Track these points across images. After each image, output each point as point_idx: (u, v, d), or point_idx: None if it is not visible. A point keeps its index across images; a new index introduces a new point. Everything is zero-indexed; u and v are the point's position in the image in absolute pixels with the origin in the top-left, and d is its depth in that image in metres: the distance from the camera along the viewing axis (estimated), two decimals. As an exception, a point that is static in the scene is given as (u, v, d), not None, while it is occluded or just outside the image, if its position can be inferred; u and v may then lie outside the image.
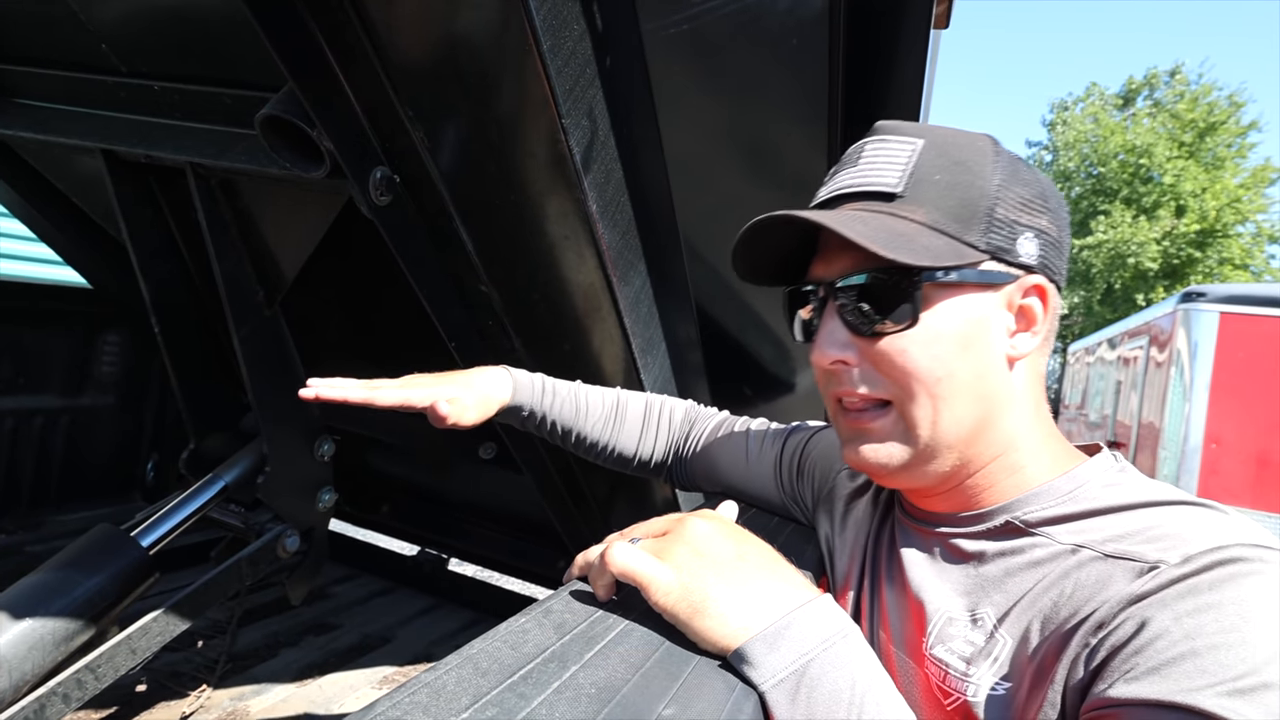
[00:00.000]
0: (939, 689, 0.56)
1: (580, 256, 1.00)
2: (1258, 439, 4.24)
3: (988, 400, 0.57)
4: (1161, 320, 5.08)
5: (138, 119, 1.03)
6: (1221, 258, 14.76)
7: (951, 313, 0.56)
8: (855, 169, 0.59)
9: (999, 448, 0.59)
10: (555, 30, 0.76)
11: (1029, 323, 0.58)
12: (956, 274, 0.55)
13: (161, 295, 1.28)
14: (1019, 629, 0.52)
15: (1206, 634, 0.42)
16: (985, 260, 0.55)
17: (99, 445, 1.88)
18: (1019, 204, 0.57)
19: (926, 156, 0.57)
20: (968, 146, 0.58)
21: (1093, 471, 0.57)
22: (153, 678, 1.44)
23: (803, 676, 0.46)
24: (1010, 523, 0.57)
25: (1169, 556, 0.46)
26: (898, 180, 0.56)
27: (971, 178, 0.56)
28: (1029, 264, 0.57)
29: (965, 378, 0.56)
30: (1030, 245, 0.57)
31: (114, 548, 1.11)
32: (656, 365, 1.22)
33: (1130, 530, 0.51)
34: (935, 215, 0.55)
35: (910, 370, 0.56)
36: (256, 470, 1.32)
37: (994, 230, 0.55)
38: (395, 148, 0.88)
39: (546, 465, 1.32)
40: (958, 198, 0.55)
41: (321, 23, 0.75)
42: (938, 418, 0.56)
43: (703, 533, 0.55)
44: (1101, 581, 0.49)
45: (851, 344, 0.58)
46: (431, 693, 0.38)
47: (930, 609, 0.59)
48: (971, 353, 0.56)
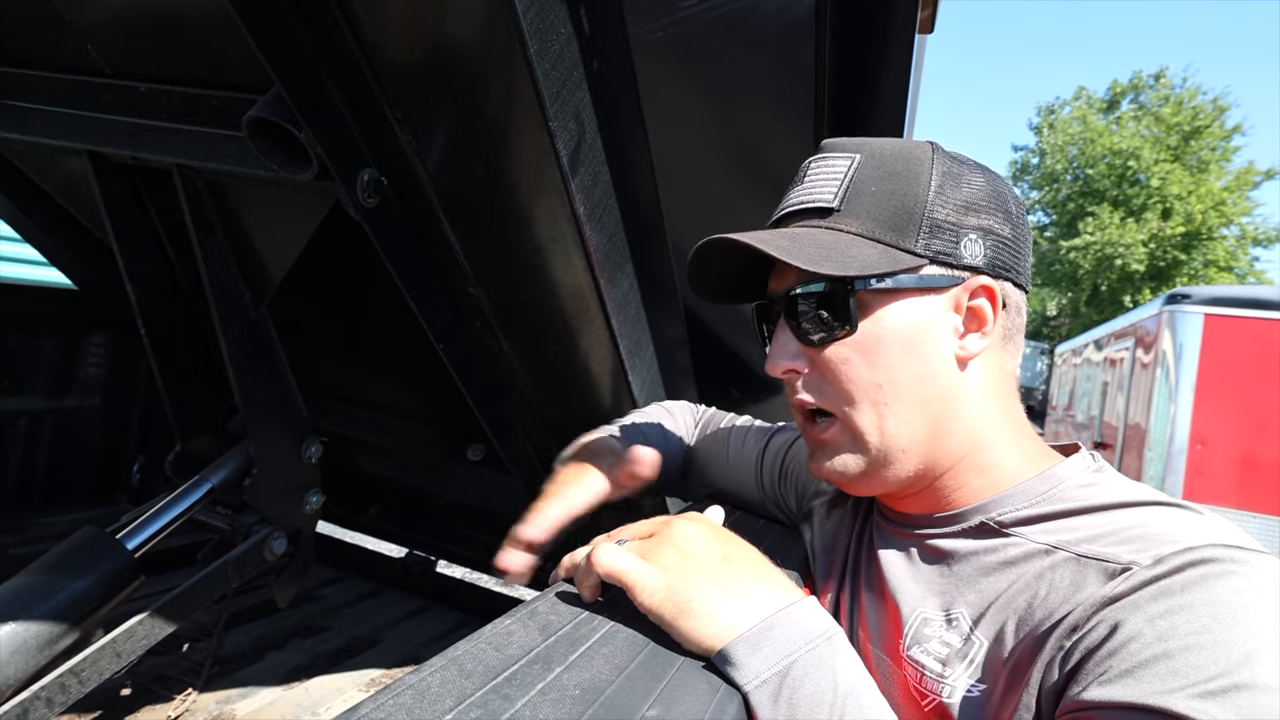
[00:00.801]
0: (916, 690, 0.56)
1: (568, 258, 1.01)
2: (1242, 440, 4.29)
3: (938, 403, 0.58)
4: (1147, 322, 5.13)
5: (124, 120, 1.02)
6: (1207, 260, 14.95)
7: (890, 319, 0.57)
8: (800, 187, 0.62)
9: (962, 448, 0.59)
10: (542, 33, 0.77)
11: (979, 323, 0.59)
12: (891, 280, 0.57)
13: (148, 297, 1.27)
14: (993, 630, 0.52)
15: (1179, 635, 0.42)
16: (925, 265, 0.57)
17: (84, 447, 1.86)
18: (959, 206, 0.58)
19: (864, 170, 0.59)
20: (903, 155, 0.59)
21: (1069, 471, 0.57)
22: (138, 681, 1.43)
23: (785, 677, 0.47)
24: (985, 523, 0.57)
25: (1141, 558, 0.47)
26: (833, 196, 0.59)
27: (906, 185, 0.58)
28: (975, 265, 0.58)
29: (908, 382, 0.57)
30: (975, 246, 0.58)
31: (99, 550, 1.11)
32: (644, 367, 1.23)
33: (1104, 531, 0.51)
34: (870, 225, 0.57)
35: (852, 377, 0.58)
36: (243, 472, 1.32)
37: (935, 235, 0.57)
38: (382, 150, 0.88)
39: (535, 466, 1.32)
40: (892, 206, 0.57)
41: (308, 25, 0.75)
42: (883, 423, 0.58)
43: (689, 535, 0.56)
44: (1075, 583, 0.49)
45: (801, 354, 0.61)
46: (415, 695, 0.38)
47: (906, 610, 0.59)
48: (914, 357, 0.57)
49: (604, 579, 0.54)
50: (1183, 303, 4.54)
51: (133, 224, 1.21)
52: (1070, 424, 8.12)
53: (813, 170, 0.62)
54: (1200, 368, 4.38)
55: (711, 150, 1.21)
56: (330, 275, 1.30)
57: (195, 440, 1.40)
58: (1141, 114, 16.59)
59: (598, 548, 0.55)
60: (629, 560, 0.53)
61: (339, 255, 1.22)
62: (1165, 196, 15.20)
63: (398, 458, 1.77)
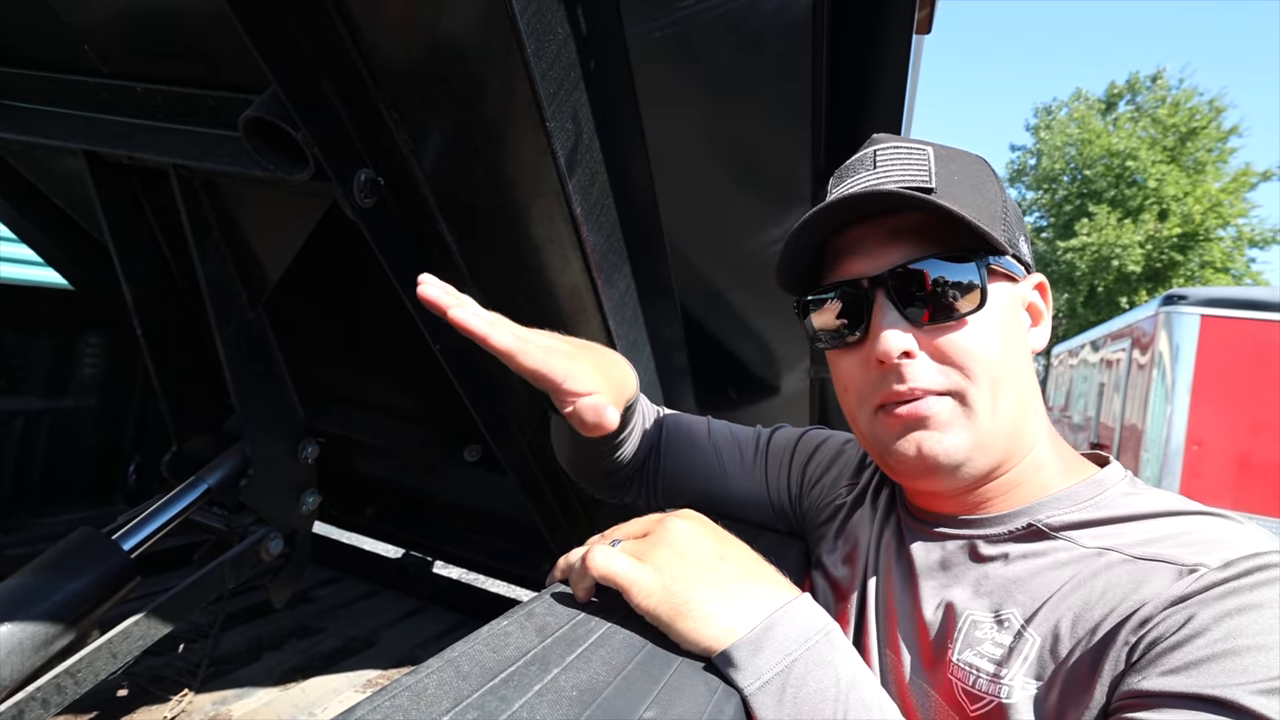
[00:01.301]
0: (965, 694, 0.54)
1: (565, 259, 1.01)
2: (1238, 440, 4.31)
3: (1025, 390, 0.59)
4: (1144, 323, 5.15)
5: (120, 120, 1.02)
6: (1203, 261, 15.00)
7: (999, 299, 0.58)
8: (875, 171, 0.59)
9: (1030, 440, 0.60)
10: (539, 34, 0.77)
11: (1036, 318, 0.63)
12: (1004, 260, 0.58)
13: (144, 297, 1.26)
14: (1048, 627, 0.52)
15: (1248, 634, 0.43)
16: (1009, 254, 0.59)
17: (80, 448, 1.85)
18: (1015, 212, 0.62)
19: (940, 161, 0.59)
20: (968, 158, 0.62)
21: (1110, 479, 0.59)
22: (133, 682, 1.42)
23: (788, 677, 0.47)
24: (1033, 525, 0.57)
25: (1208, 560, 0.48)
26: (928, 176, 0.57)
27: (984, 181, 0.60)
28: (1029, 262, 0.62)
29: (1014, 364, 0.58)
30: (1025, 246, 0.62)
31: (95, 551, 1.10)
32: (641, 368, 1.23)
33: (1156, 536, 0.52)
34: (969, 210, 0.56)
35: (977, 354, 0.56)
36: (240, 473, 1.31)
37: (1009, 229, 0.59)
38: (379, 150, 0.88)
39: (531, 467, 1.32)
40: (982, 197, 0.59)
41: (304, 25, 0.75)
42: (996, 403, 0.57)
43: (683, 533, 0.55)
44: (1137, 581, 0.49)
45: (911, 335, 0.57)
46: (412, 696, 0.38)
47: (955, 614, 0.58)
48: (1013, 341, 0.59)
49: (599, 581, 0.54)
50: (1179, 304, 4.55)
51: (129, 224, 1.21)
52: (1067, 425, 8.13)
53: (885, 156, 0.60)
54: (1196, 369, 4.40)
55: (709, 151, 1.21)
56: (327, 275, 1.30)
57: (191, 441, 1.40)
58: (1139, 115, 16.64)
59: (592, 550, 0.55)
60: (624, 562, 0.53)
61: (336, 255, 1.22)
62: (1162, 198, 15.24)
63: (395, 458, 1.77)
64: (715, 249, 1.32)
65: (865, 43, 1.13)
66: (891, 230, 0.58)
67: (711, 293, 1.39)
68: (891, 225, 0.58)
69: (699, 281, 1.32)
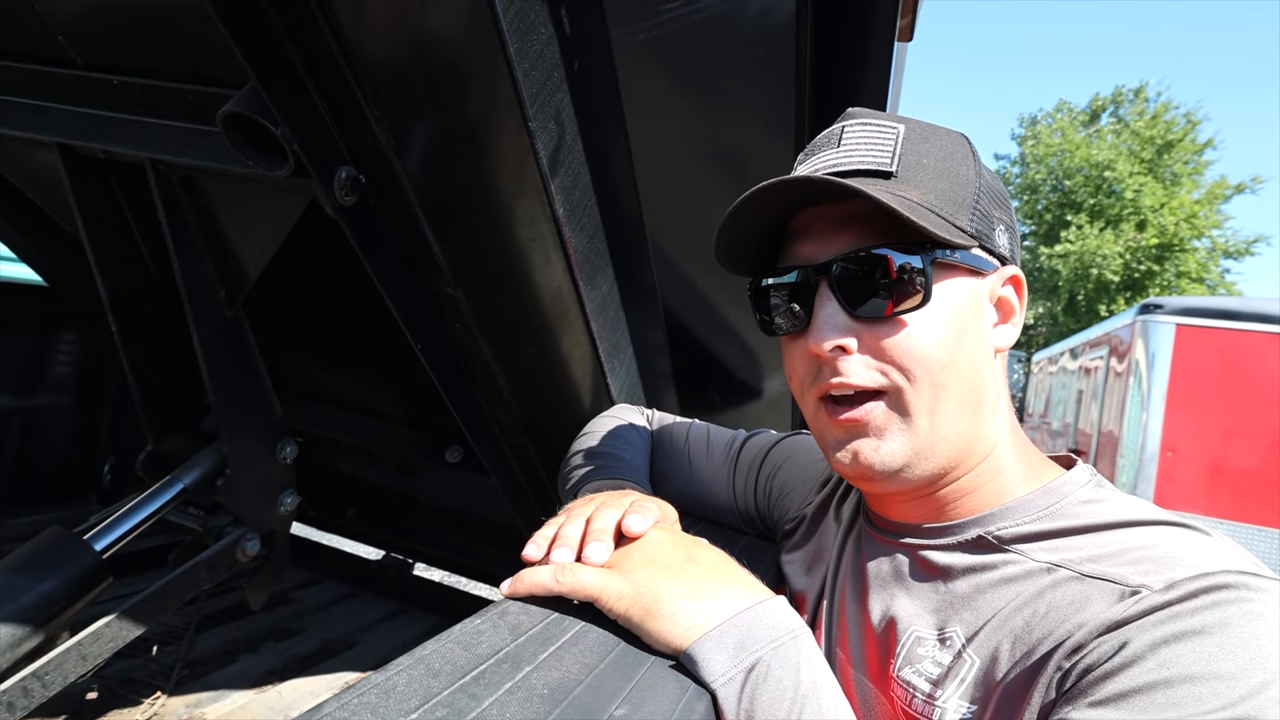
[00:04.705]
0: (904, 713, 0.53)
1: (547, 260, 1.00)
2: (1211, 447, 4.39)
3: (979, 393, 0.55)
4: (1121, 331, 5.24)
5: (95, 113, 1.01)
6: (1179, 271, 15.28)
7: (952, 295, 0.54)
8: (839, 150, 0.57)
9: (987, 446, 0.57)
10: (522, 33, 0.77)
11: (1006, 315, 0.58)
12: (959, 254, 0.54)
13: (119, 294, 1.24)
14: (988, 649, 0.50)
15: (1183, 664, 0.40)
16: (974, 246, 0.55)
17: (53, 447, 1.82)
18: (993, 197, 0.57)
19: (911, 141, 0.55)
20: (947, 137, 0.57)
21: (1070, 486, 0.55)
22: (104, 685, 1.40)
23: (749, 674, 0.47)
24: (982, 537, 0.55)
25: (1152, 581, 0.44)
26: (889, 160, 0.54)
27: (957, 165, 0.56)
28: (1003, 254, 0.57)
29: (963, 365, 0.54)
30: (1003, 238, 0.57)
31: (65, 551, 1.08)
32: (623, 369, 1.23)
33: (1110, 551, 0.48)
34: (930, 196, 0.53)
35: (916, 353, 0.53)
36: (216, 472, 1.30)
37: (980, 218, 0.55)
38: (361, 147, 0.87)
39: (512, 468, 1.31)
40: (950, 181, 0.55)
41: (285, 19, 0.75)
42: (936, 406, 0.54)
43: (652, 540, 0.55)
44: (1078, 603, 0.47)
45: (850, 328, 0.54)
46: (381, 693, 0.38)
47: (898, 629, 0.56)
48: (968, 340, 0.54)
49: (569, 596, 0.53)
50: (1155, 313, 4.63)
51: (104, 219, 1.19)
52: (1046, 431, 8.25)
53: (852, 134, 0.57)
54: (1171, 376, 4.48)
55: (693, 154, 1.22)
56: (307, 274, 1.29)
57: (167, 440, 1.38)
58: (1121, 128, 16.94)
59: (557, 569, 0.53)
60: (590, 573, 0.52)
61: (316, 254, 1.21)
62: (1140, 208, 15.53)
63: (375, 459, 1.76)
64: (698, 252, 1.32)
65: (848, 49, 1.14)
66: (844, 215, 0.54)
67: (695, 295, 1.39)
68: (845, 210, 0.55)
69: (682, 284, 1.32)
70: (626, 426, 0.95)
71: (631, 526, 0.56)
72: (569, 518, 0.60)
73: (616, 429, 0.93)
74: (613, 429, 0.94)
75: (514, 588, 0.55)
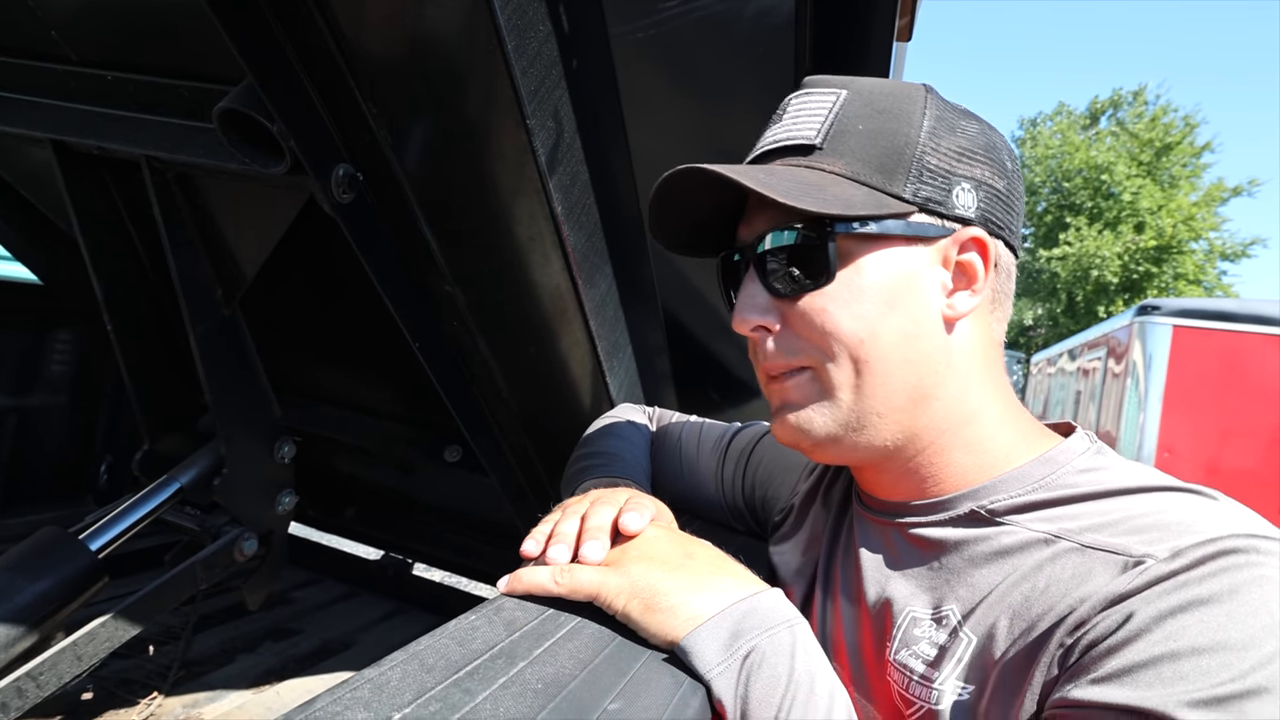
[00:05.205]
0: (901, 697, 0.52)
1: (546, 258, 1.00)
2: (1208, 447, 4.40)
3: (922, 365, 0.53)
4: (1119, 333, 5.24)
5: (90, 109, 1.00)
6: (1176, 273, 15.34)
7: (874, 268, 0.52)
8: (780, 125, 0.57)
9: (947, 420, 0.54)
10: (520, 30, 0.76)
11: (969, 280, 0.54)
12: (876, 225, 0.51)
13: (115, 292, 1.24)
14: (985, 626, 0.48)
15: (1189, 635, 0.39)
16: (914, 212, 0.52)
17: (49, 447, 1.81)
18: (953, 153, 0.53)
19: (850, 107, 0.53)
20: (895, 94, 0.54)
21: (1067, 454, 0.52)
22: (100, 685, 1.39)
23: (744, 663, 0.46)
24: (975, 511, 0.53)
25: (1157, 550, 0.42)
26: (815, 132, 0.53)
27: (896, 125, 0.52)
28: (966, 216, 0.53)
29: (892, 338, 0.52)
30: (968, 196, 0.53)
31: (60, 551, 1.08)
32: (622, 369, 1.23)
33: (1113, 519, 0.46)
34: (855, 166, 0.52)
35: (829, 330, 0.52)
36: (213, 472, 1.29)
37: (925, 180, 0.52)
38: (358, 145, 0.87)
39: (511, 467, 1.31)
40: (881, 147, 0.52)
41: (281, 15, 0.74)
42: (861, 380, 0.53)
43: (649, 538, 0.55)
44: (1079, 576, 0.44)
45: (773, 308, 0.55)
46: (374, 688, 0.38)
47: (893, 610, 0.55)
48: (899, 312, 0.52)
49: (568, 597, 0.53)
50: (1153, 314, 4.64)
51: (99, 217, 1.19)
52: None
53: (794, 106, 0.57)
54: (1169, 377, 4.49)
55: (692, 153, 1.21)
56: (305, 272, 1.29)
57: (164, 439, 1.37)
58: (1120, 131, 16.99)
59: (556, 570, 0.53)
60: (589, 572, 0.52)
61: (314, 251, 1.20)
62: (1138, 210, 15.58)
63: (374, 459, 1.75)
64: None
65: (845, 49, 1.14)
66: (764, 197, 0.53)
67: (693, 294, 1.39)
68: None
69: (681, 283, 1.32)
70: (626, 425, 0.95)
71: (628, 525, 0.56)
72: (564, 515, 0.60)
73: (616, 428, 0.93)
74: (612, 428, 0.94)
75: (511, 586, 0.55)
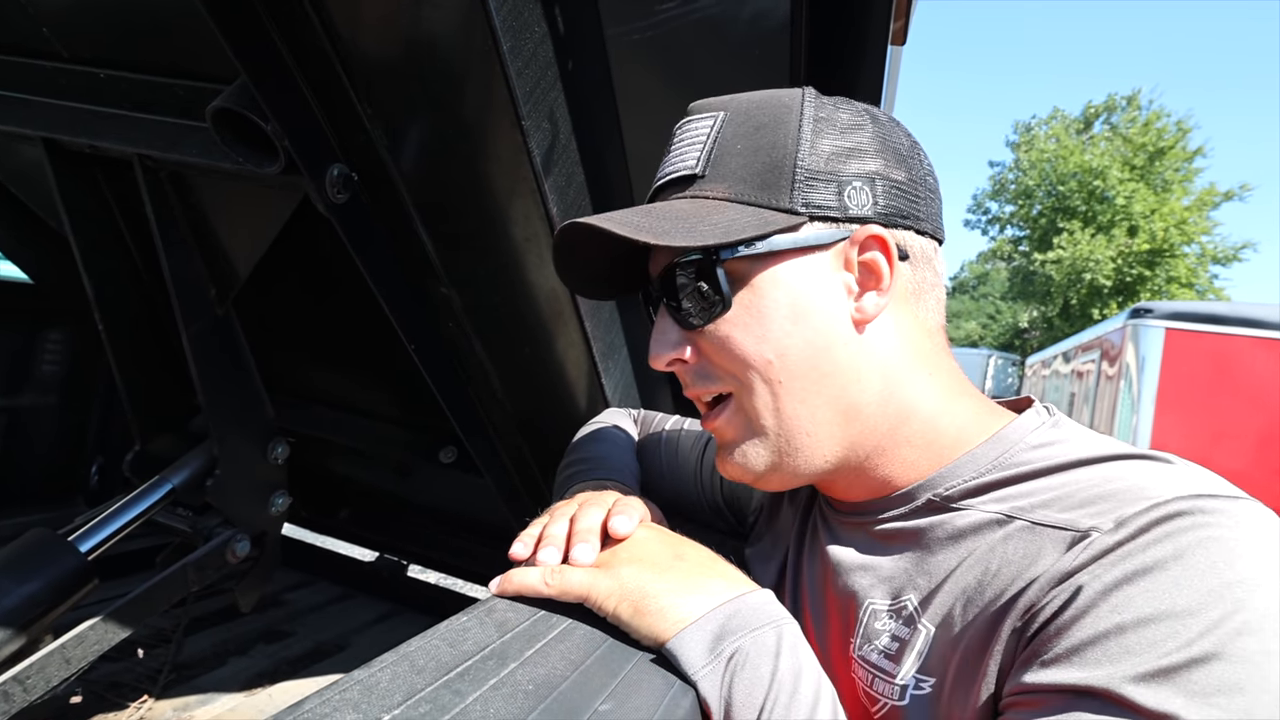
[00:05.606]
0: (866, 694, 0.51)
1: (542, 260, 1.00)
2: (1200, 448, 4.42)
3: (840, 375, 0.51)
4: (1112, 335, 5.27)
5: (81, 107, 1.00)
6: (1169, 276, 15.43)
7: (769, 287, 0.51)
8: (667, 158, 0.57)
9: (883, 422, 0.53)
10: (516, 31, 0.76)
11: (876, 279, 0.52)
12: (762, 244, 0.50)
13: (106, 291, 1.23)
14: (941, 614, 0.47)
15: (1134, 606, 0.38)
16: (804, 223, 0.51)
17: (39, 448, 1.80)
18: (837, 153, 0.51)
19: (729, 128, 0.53)
20: (770, 105, 0.53)
21: (1019, 432, 0.51)
22: (89, 689, 1.38)
23: (729, 663, 0.46)
24: (931, 500, 0.52)
25: (1102, 522, 0.41)
26: (696, 161, 0.53)
27: (773, 137, 0.51)
28: (863, 215, 0.51)
29: (800, 354, 0.51)
30: (861, 195, 0.51)
31: (49, 553, 1.07)
32: (617, 370, 1.23)
33: (1062, 494, 0.45)
34: (737, 187, 0.51)
35: (737, 356, 0.52)
36: (206, 473, 1.28)
37: (811, 188, 0.50)
38: (353, 145, 0.87)
39: (506, 468, 1.31)
40: (760, 163, 0.51)
41: (276, 14, 0.74)
42: (779, 404, 0.52)
43: (639, 539, 0.55)
44: (1030, 556, 0.44)
45: (684, 340, 0.55)
46: (364, 690, 0.37)
47: (855, 606, 0.54)
48: (804, 325, 0.51)
49: (558, 599, 0.53)
50: (1145, 317, 4.67)
51: (90, 216, 1.18)
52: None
53: (678, 136, 0.57)
54: (1161, 380, 4.51)
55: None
56: (299, 272, 1.28)
57: (156, 440, 1.36)
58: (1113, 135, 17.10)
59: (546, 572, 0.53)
60: (579, 574, 0.52)
61: (308, 252, 1.20)
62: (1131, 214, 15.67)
63: (368, 460, 1.75)
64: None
65: (840, 52, 1.14)
66: None
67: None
68: None
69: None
70: (612, 429, 0.95)
71: (617, 528, 0.55)
72: (553, 518, 0.60)
73: (602, 433, 0.94)
74: (599, 433, 0.94)
75: (502, 587, 0.55)
